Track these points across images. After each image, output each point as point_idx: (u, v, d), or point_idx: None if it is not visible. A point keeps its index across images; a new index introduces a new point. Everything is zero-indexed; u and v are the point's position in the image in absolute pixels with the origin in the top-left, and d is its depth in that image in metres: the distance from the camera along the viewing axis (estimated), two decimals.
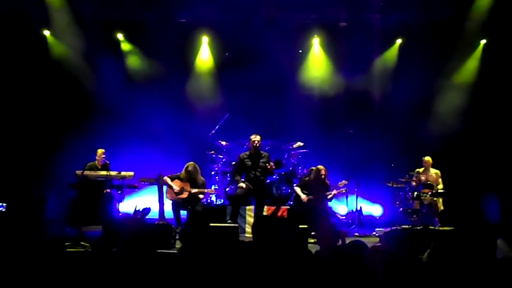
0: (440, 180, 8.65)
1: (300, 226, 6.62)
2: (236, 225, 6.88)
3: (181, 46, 10.21)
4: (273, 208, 8.37)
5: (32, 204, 7.89)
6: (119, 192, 8.02)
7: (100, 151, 8.26)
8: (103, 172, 7.79)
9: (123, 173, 7.80)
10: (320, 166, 8.05)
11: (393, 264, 3.71)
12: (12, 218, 7.16)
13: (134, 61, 10.23)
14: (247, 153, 7.60)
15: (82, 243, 6.01)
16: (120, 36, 10.24)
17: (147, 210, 4.90)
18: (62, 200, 8.13)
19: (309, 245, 6.02)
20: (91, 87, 9.58)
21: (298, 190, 8.07)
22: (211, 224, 6.93)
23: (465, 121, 9.54)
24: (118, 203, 8.08)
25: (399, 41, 10.46)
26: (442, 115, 9.73)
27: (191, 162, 7.68)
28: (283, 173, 9.20)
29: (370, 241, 6.48)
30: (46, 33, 9.78)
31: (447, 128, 9.46)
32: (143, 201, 9.16)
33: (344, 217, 8.95)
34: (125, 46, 10.27)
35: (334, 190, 7.99)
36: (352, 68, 10.29)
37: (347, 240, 3.77)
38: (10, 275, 3.32)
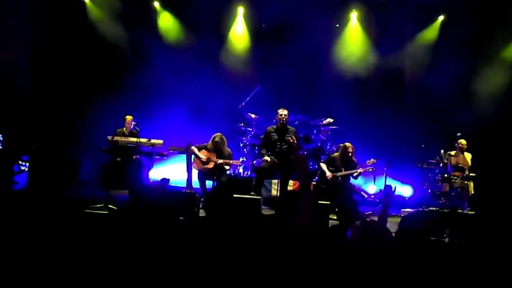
0: (469, 162, 8.41)
1: (323, 202, 6.66)
2: (259, 197, 6.95)
3: (217, 16, 10.17)
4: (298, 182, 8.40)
5: (69, 166, 8.25)
6: (149, 159, 8.22)
7: (128, 118, 8.43)
8: (133, 139, 7.99)
9: (152, 140, 7.99)
10: (347, 144, 7.96)
11: (408, 245, 3.69)
12: (46, 179, 7.53)
13: (169, 29, 10.27)
14: (274, 126, 7.60)
15: (110, 206, 6.23)
16: (156, 4, 10.29)
17: (166, 180, 5.03)
18: (95, 163, 8.44)
19: (330, 221, 6.05)
20: (127, 54, 9.72)
21: (323, 166, 8.03)
22: (235, 195, 7.09)
23: (503, 105, 9.17)
24: (148, 170, 8.30)
25: (441, 18, 10.06)
26: (480, 97, 9.37)
27: (218, 133, 7.75)
28: (311, 148, 9.17)
29: (393, 221, 6.43)
30: None
31: (483, 111, 9.13)
32: (171, 169, 9.41)
33: (372, 196, 8.88)
34: (161, 14, 10.32)
35: (361, 168, 7.89)
36: (390, 44, 10.00)
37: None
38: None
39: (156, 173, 8.89)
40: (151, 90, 9.56)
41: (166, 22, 10.32)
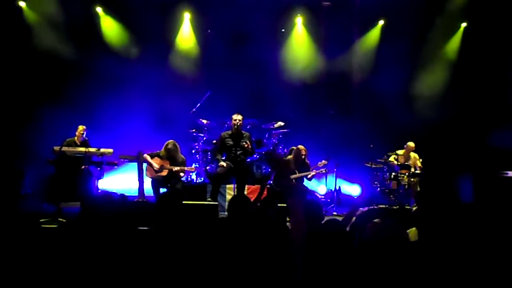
0: (418, 162, 8.81)
1: (280, 205, 6.72)
2: (216, 203, 6.91)
3: (163, 22, 10.01)
4: (254, 187, 8.44)
5: (9, 177, 7.77)
6: (98, 168, 7.93)
7: (81, 127, 8.13)
8: (82, 149, 7.68)
9: (102, 149, 7.69)
10: (300, 146, 8.09)
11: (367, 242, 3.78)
12: None
13: (113, 36, 9.99)
14: (229, 132, 7.59)
15: (59, 219, 5.95)
16: (99, 9, 9.99)
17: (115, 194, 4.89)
18: (40, 175, 8.03)
19: (288, 223, 6.11)
20: (71, 60, 9.34)
21: None
22: (192, 202, 7.02)
23: (443, 105, 9.71)
24: (97, 180, 8.01)
25: (381, 22, 10.50)
26: (421, 98, 9.87)
27: (171, 140, 7.63)
28: (263, 152, 9.24)
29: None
30: (22, 4, 9.51)
31: (425, 112, 9.63)
32: (123, 178, 9.15)
33: (323, 197, 9.06)
34: (105, 20, 10.02)
35: (314, 170, 8.04)
36: (335, 48, 10.32)
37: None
38: None
39: (106, 183, 8.60)
40: (99, 98, 9.23)
41: (111, 28, 10.03)
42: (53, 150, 7.44)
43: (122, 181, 9.13)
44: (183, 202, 4.19)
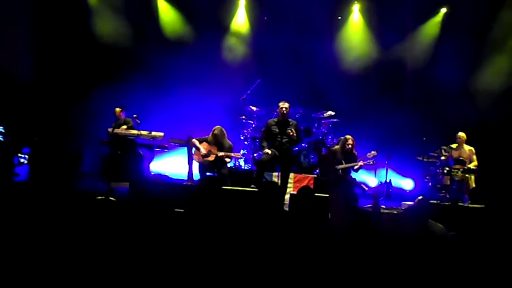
0: (474, 157, 8.38)
1: (324, 195, 6.67)
2: (257, 189, 6.94)
3: (217, 8, 10.12)
4: (300, 176, 8.41)
5: (69, 157, 8.25)
6: (150, 151, 8.23)
7: (117, 110, 8.46)
8: (134, 131, 7.99)
9: (153, 133, 7.97)
10: (347, 136, 7.93)
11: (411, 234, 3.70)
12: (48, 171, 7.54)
13: (169, 21, 10.18)
14: (275, 119, 7.57)
15: (110, 198, 6.23)
16: None
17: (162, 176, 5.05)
18: (96, 155, 8.45)
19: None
20: (126, 45, 9.65)
21: None
22: (234, 188, 7.11)
23: (504, 98, 9.15)
24: (148, 162, 8.31)
25: (443, 10, 10.01)
26: (482, 91, 9.35)
27: (218, 126, 7.76)
28: (312, 141, 9.15)
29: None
30: None
31: (486, 106, 9.12)
32: (172, 161, 9.42)
33: (372, 189, 8.86)
34: (161, 5, 10.23)
35: (361, 161, 7.87)
36: (392, 37, 10.00)
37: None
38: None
39: (157, 165, 8.90)
40: (152, 82, 9.52)
41: (167, 14, 10.23)
42: (107, 132, 7.80)
43: (172, 164, 9.40)
44: (225, 187, 4.27)
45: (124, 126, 8.20)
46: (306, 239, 3.37)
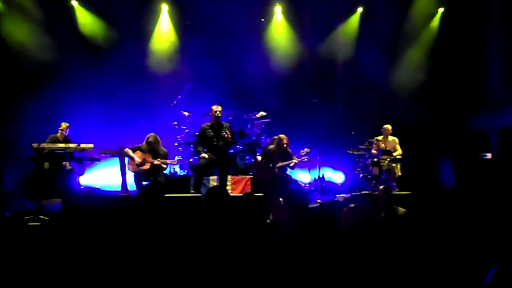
0: (397, 146, 8.92)
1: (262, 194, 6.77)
2: (200, 195, 6.91)
3: (140, 14, 9.88)
4: (238, 177, 8.47)
5: None
6: (80, 164, 7.86)
7: (63, 124, 8.08)
8: (61, 145, 7.58)
9: (82, 145, 7.60)
10: (281, 135, 8.11)
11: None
12: None
13: (90, 29, 9.78)
14: (209, 123, 7.57)
15: (41, 217, 5.89)
16: (74, 2, 9.80)
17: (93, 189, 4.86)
18: (20, 173, 7.92)
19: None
20: (46, 54, 9.14)
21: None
22: (175, 195, 7.01)
23: (419, 92, 9.83)
24: (79, 176, 7.94)
25: (360, 9, 10.53)
26: (401, 83, 9.98)
27: (152, 133, 7.61)
28: (246, 143, 9.24)
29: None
30: None
31: (406, 96, 9.76)
32: (105, 173, 9.07)
33: (307, 185, 9.12)
34: (80, 12, 9.82)
35: (296, 158, 8.08)
36: (315, 36, 10.34)
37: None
38: None
39: (88, 178, 8.53)
40: (78, 92, 9.05)
41: (86, 21, 9.83)
42: (32, 147, 7.34)
43: (104, 176, 9.05)
44: (165, 195, 4.19)
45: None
46: (249, 238, 3.38)
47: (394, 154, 8.78)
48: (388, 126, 8.98)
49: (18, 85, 8.78)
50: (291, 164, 7.98)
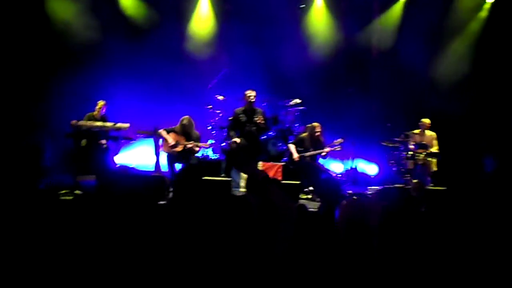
0: (435, 142, 8.67)
1: (293, 182, 6.75)
2: (229, 179, 6.94)
3: None
4: (269, 164, 8.46)
5: (30, 152, 7.93)
6: (115, 143, 8.04)
7: (100, 102, 8.21)
8: (98, 123, 7.78)
9: (118, 124, 7.77)
10: (315, 123, 8.04)
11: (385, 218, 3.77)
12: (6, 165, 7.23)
13: (132, 10, 9.90)
14: (242, 108, 7.57)
15: (76, 192, 6.08)
16: None
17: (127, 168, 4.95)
18: (59, 149, 8.19)
19: (300, 201, 6.13)
20: (89, 33, 9.33)
21: (292, 147, 8.10)
22: (205, 178, 7.06)
23: (462, 85, 9.48)
24: (114, 154, 8.13)
25: None
26: (442, 77, 9.65)
27: (186, 116, 7.68)
28: (279, 129, 9.20)
29: None
30: None
31: (447, 88, 9.44)
32: (139, 152, 9.26)
33: (339, 175, 9.03)
34: None
35: (328, 147, 7.99)
36: (355, 24, 10.13)
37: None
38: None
39: (123, 157, 8.73)
40: (115, 71, 9.23)
41: (128, 2, 9.93)
42: (71, 124, 7.56)
43: (138, 156, 9.24)
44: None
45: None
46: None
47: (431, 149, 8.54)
48: (426, 120, 8.72)
49: (59, 63, 9.00)
50: (323, 154, 7.91)
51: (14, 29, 8.90)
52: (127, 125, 7.83)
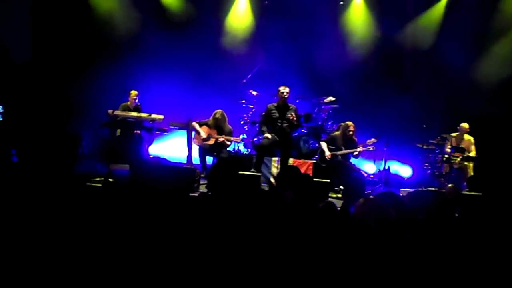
0: (472, 147, 8.40)
1: (323, 180, 6.70)
2: (259, 174, 6.96)
3: None
4: (300, 161, 8.41)
5: (69, 140, 8.18)
6: (149, 134, 8.20)
7: (133, 93, 8.41)
8: (134, 113, 7.95)
9: (153, 115, 7.93)
10: (348, 122, 7.93)
11: (414, 223, 3.69)
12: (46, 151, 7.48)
13: (171, 3, 10.01)
14: (275, 104, 7.55)
15: (109, 180, 6.21)
16: None
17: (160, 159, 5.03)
18: (95, 137, 8.41)
19: (330, 199, 6.06)
20: (129, 25, 9.51)
21: (324, 145, 8.02)
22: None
23: (505, 87, 9.13)
24: (148, 145, 8.29)
25: None
26: (483, 79, 9.31)
27: (219, 110, 7.75)
28: (312, 127, 9.14)
29: None
30: None
31: (487, 94, 9.10)
32: (172, 144, 9.40)
33: (371, 176, 8.89)
34: None
35: (361, 147, 7.88)
36: (394, 23, 9.89)
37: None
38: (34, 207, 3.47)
39: (156, 148, 8.87)
40: (152, 63, 9.41)
41: None
42: (107, 114, 7.75)
43: (171, 147, 9.38)
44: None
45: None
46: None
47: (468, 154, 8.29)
48: (465, 125, 8.46)
49: (99, 53, 9.23)
50: (355, 153, 7.80)
51: (57, 19, 9.18)
52: (161, 116, 7.97)
